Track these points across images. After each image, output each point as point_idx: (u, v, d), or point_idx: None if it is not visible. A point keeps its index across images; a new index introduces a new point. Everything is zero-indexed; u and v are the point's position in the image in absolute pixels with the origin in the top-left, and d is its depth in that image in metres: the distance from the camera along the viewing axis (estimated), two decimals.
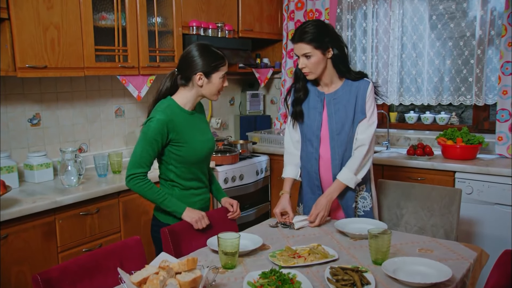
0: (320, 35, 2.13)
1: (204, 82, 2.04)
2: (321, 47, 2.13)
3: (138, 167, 1.97)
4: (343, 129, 2.21)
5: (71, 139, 3.07)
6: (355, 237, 2.02)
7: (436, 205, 2.46)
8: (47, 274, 1.45)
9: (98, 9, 2.81)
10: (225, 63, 2.07)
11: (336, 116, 2.22)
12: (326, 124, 2.24)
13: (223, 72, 2.06)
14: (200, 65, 2.01)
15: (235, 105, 4.44)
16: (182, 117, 2.05)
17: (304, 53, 2.13)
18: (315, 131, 2.26)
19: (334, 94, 2.24)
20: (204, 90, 2.06)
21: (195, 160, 2.08)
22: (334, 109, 2.22)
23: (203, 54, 2.02)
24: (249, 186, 3.56)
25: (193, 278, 1.44)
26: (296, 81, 2.30)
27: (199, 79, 2.03)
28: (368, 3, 3.80)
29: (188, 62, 2.04)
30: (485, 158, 3.24)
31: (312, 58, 2.13)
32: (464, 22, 3.49)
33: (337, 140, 2.22)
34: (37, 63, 2.46)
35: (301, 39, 2.12)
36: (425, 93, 3.68)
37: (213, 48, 2.05)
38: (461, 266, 1.71)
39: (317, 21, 2.19)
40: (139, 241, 1.77)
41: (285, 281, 1.51)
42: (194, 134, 2.07)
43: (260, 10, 3.96)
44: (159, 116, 1.97)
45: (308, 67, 2.16)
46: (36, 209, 2.25)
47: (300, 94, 2.28)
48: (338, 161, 2.24)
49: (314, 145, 2.27)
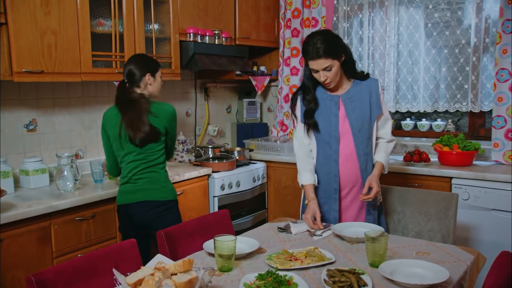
0: (334, 46, 2.19)
1: (151, 80, 2.51)
2: (337, 57, 2.20)
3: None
4: (363, 126, 2.28)
5: (68, 145, 3.07)
6: (352, 240, 2.01)
7: (433, 209, 2.46)
8: (41, 276, 1.44)
9: (96, 15, 2.82)
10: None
11: (354, 114, 2.28)
12: (345, 124, 2.28)
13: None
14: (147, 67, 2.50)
15: (232, 113, 4.45)
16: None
17: (325, 67, 2.17)
18: (332, 132, 2.29)
19: (347, 93, 2.30)
20: (152, 87, 2.52)
21: None
22: (351, 107, 2.28)
23: (145, 58, 2.56)
24: (246, 193, 3.55)
25: (189, 279, 1.43)
26: (306, 93, 2.33)
27: (149, 79, 2.49)
28: (364, 11, 3.84)
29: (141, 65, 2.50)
30: (482, 165, 3.24)
31: (333, 68, 2.19)
32: (459, 30, 3.53)
33: (359, 137, 2.28)
34: (34, 67, 2.46)
35: (319, 55, 2.15)
36: (421, 100, 3.70)
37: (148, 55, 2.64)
38: (458, 269, 1.71)
39: (323, 32, 2.25)
40: (134, 243, 1.76)
41: (282, 282, 1.51)
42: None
43: (257, 18, 3.98)
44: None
45: (330, 77, 2.21)
46: (32, 213, 2.23)
47: (311, 106, 2.31)
48: (364, 157, 2.30)
49: (332, 147, 2.30)
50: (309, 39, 2.20)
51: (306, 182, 2.33)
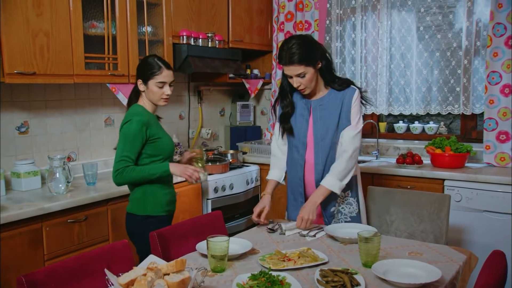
0: (309, 52, 2.12)
1: (144, 88, 2.27)
2: (312, 63, 2.13)
3: (120, 163, 2.15)
4: (327, 135, 2.22)
5: (60, 148, 3.05)
6: (345, 241, 2.01)
7: (426, 211, 2.47)
8: (32, 276, 1.43)
9: (88, 17, 2.82)
10: (161, 72, 2.22)
11: (321, 122, 2.24)
12: (312, 130, 2.25)
13: (158, 80, 2.22)
14: (140, 72, 2.27)
15: (225, 116, 4.45)
16: (151, 117, 2.29)
17: (298, 74, 2.13)
18: (301, 138, 2.28)
19: (320, 100, 2.26)
20: (147, 96, 2.28)
21: (167, 154, 2.30)
22: (320, 115, 2.24)
23: (143, 63, 2.27)
24: (239, 196, 3.55)
25: (182, 279, 1.42)
26: (283, 96, 2.31)
27: (140, 85, 2.27)
28: (357, 14, 3.86)
29: (137, 69, 2.32)
30: (474, 167, 3.26)
31: (306, 75, 2.13)
32: (450, 33, 3.56)
33: (321, 146, 2.23)
34: (25, 69, 2.45)
35: (292, 61, 2.10)
36: (413, 102, 3.72)
37: (155, 59, 2.25)
38: (451, 269, 1.71)
39: (300, 37, 2.17)
40: (126, 244, 1.75)
41: (275, 282, 1.50)
42: (163, 132, 2.34)
43: (250, 21, 3.99)
44: (138, 118, 2.19)
45: (304, 84, 2.16)
46: (23, 215, 2.22)
47: (288, 110, 2.29)
48: (321, 166, 2.25)
49: (300, 151, 2.28)
50: (284, 44, 2.14)
51: (270, 177, 2.38)
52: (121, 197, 2.68)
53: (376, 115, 3.98)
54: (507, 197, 2.87)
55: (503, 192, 2.88)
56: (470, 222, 3.01)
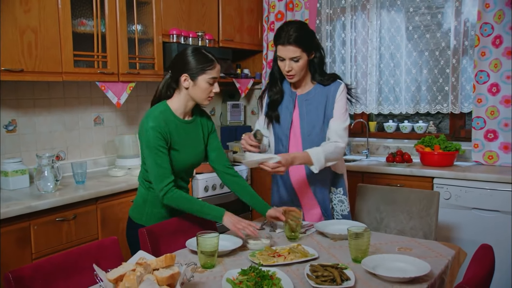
0: (308, 38, 2.11)
1: (190, 84, 1.97)
2: (308, 50, 2.11)
3: (162, 179, 1.91)
4: (314, 130, 2.19)
5: (49, 147, 3.02)
6: (335, 237, 2.02)
7: (415, 208, 2.48)
8: (19, 272, 1.41)
9: (77, 15, 2.80)
10: (214, 67, 1.97)
11: (307, 117, 2.21)
12: (297, 125, 2.23)
13: (210, 75, 1.96)
14: (186, 66, 1.95)
15: (216, 116, 4.44)
16: (174, 124, 2.00)
17: (292, 57, 2.08)
18: (285, 131, 2.25)
19: (306, 95, 2.23)
20: (191, 93, 1.99)
21: (179, 169, 2.04)
22: (306, 110, 2.21)
23: (191, 55, 1.96)
24: (230, 195, 3.54)
25: (171, 274, 1.41)
26: (273, 83, 2.27)
27: (185, 81, 1.97)
28: (347, 14, 3.88)
29: (177, 62, 2.00)
30: (462, 165, 3.29)
31: (300, 61, 2.10)
32: (439, 33, 3.59)
33: (308, 141, 2.20)
34: (13, 66, 2.43)
35: (290, 41, 2.05)
36: (403, 102, 3.74)
37: (204, 51, 1.98)
38: (440, 263, 1.72)
39: (300, 22, 2.16)
40: (115, 241, 1.74)
41: (265, 277, 1.50)
42: (184, 144, 2.03)
43: (240, 21, 3.99)
44: (151, 123, 1.92)
45: (295, 69, 2.11)
46: (10, 213, 2.19)
47: (277, 97, 2.26)
48: None
49: (284, 144, 2.26)
50: (284, 25, 2.12)
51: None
52: (111, 195, 2.67)
53: (366, 114, 4.00)
54: (495, 194, 2.89)
55: (492, 190, 2.91)
56: (459, 219, 3.03)
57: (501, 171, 3.03)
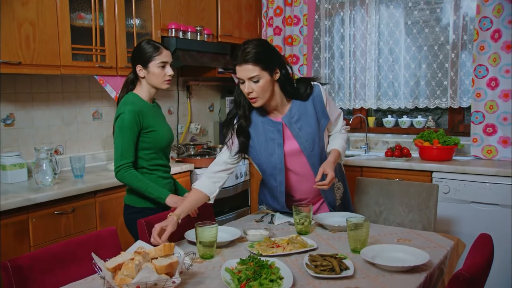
0: (267, 55, 1.90)
1: (145, 73, 2.20)
2: (268, 68, 1.90)
3: (122, 158, 2.11)
4: (315, 142, 2.06)
5: (47, 141, 3.01)
6: (334, 229, 2.01)
7: (414, 201, 2.48)
8: (17, 261, 1.41)
9: (75, 8, 2.79)
10: (161, 52, 2.17)
11: (303, 133, 2.04)
12: (296, 147, 2.06)
13: (159, 60, 2.17)
14: (137, 58, 2.19)
15: (214, 112, 4.43)
16: (146, 108, 2.21)
17: (251, 77, 1.87)
18: (277, 165, 2.05)
19: (289, 114, 2.05)
20: (149, 80, 2.21)
21: (161, 147, 2.24)
22: (298, 127, 2.04)
23: (140, 48, 2.20)
24: (229, 190, 3.53)
25: (170, 263, 1.41)
26: (237, 108, 2.05)
27: (140, 71, 2.20)
28: (345, 9, 3.87)
29: (132, 57, 2.25)
30: (461, 159, 3.29)
31: (260, 81, 1.88)
32: (438, 28, 3.58)
33: (313, 156, 2.07)
34: (11, 59, 2.42)
35: (246, 60, 1.85)
36: (402, 97, 3.74)
37: (151, 42, 2.21)
38: (439, 253, 1.72)
39: (260, 40, 1.97)
40: (114, 231, 1.73)
41: (264, 266, 1.49)
42: (158, 123, 2.25)
43: (239, 16, 3.99)
44: (129, 107, 2.12)
45: (256, 91, 1.90)
46: (8, 206, 2.18)
47: (241, 121, 2.05)
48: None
49: (277, 179, 2.08)
50: (242, 45, 1.92)
51: (197, 187, 2.02)
52: (110, 189, 2.66)
53: (364, 109, 4.00)
54: (494, 188, 2.90)
55: (490, 183, 2.91)
56: (458, 213, 3.04)
57: (500, 165, 3.04)
